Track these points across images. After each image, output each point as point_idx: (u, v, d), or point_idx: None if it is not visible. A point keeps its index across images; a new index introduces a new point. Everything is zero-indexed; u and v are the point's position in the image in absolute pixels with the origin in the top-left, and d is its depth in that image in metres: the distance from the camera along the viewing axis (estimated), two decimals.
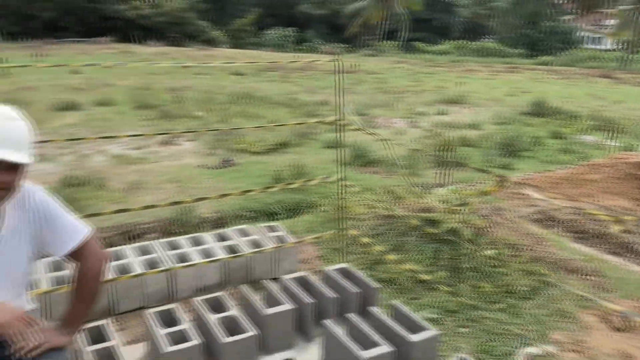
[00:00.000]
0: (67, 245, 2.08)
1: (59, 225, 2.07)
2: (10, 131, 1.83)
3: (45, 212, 2.05)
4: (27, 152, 1.88)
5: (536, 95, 15.97)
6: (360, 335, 2.56)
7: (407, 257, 3.78)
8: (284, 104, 13.49)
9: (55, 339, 2.07)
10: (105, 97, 12.59)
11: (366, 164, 7.41)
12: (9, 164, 1.81)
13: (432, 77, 24.79)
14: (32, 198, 2.04)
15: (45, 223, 2.05)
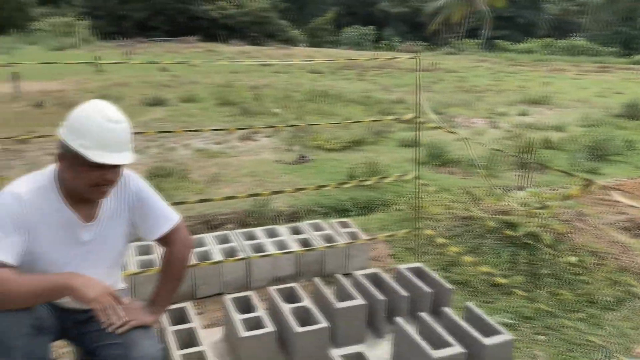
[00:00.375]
0: (159, 230, 2.23)
1: (152, 210, 2.22)
2: (121, 135, 1.99)
3: (141, 198, 2.21)
4: (131, 151, 2.04)
5: (630, 96, 14.93)
6: (432, 334, 2.54)
7: (483, 259, 3.69)
8: (359, 102, 13.52)
9: (142, 317, 2.22)
10: (190, 93, 13.19)
11: (443, 164, 7.28)
12: (116, 164, 1.97)
13: (514, 76, 23.84)
14: (129, 184, 2.20)
15: (139, 208, 2.20)
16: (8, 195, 1.92)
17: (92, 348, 2.26)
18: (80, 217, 2.06)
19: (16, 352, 1.91)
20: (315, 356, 2.58)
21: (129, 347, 2.18)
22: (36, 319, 1.96)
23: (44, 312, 2.02)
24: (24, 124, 9.31)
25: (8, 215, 1.88)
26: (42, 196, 1.98)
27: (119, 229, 2.19)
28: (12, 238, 1.88)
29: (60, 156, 1.97)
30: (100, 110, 1.96)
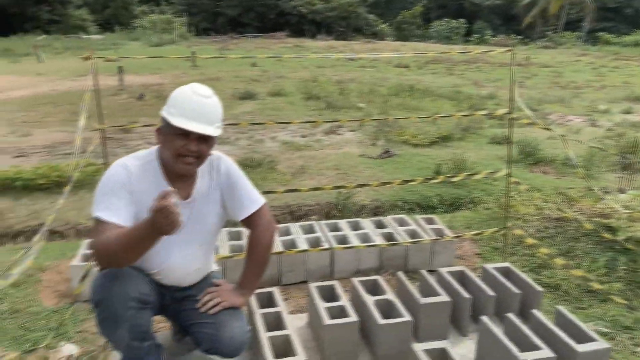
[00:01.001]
0: (244, 211, 2.32)
1: (239, 192, 2.32)
2: (206, 107, 2.10)
3: (230, 179, 2.32)
4: (218, 125, 2.15)
5: None
6: (519, 336, 2.46)
7: (577, 263, 3.51)
8: (447, 97, 13.20)
9: (232, 299, 2.34)
10: (278, 88, 13.53)
11: (535, 162, 6.96)
12: (203, 136, 2.09)
13: (618, 71, 22.16)
14: (220, 166, 2.32)
15: (229, 189, 2.31)
16: (118, 166, 2.12)
17: (187, 325, 2.42)
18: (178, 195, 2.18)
19: (124, 324, 2.09)
20: (396, 349, 2.59)
21: (219, 327, 2.31)
22: (141, 294, 2.12)
23: (148, 288, 2.18)
24: (127, 115, 10.02)
25: (119, 183, 2.07)
26: (146, 170, 2.15)
27: (212, 210, 2.30)
28: (125, 203, 2.06)
29: (157, 130, 2.15)
30: (192, 86, 2.12)
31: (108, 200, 2.05)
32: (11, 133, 8.87)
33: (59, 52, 26.66)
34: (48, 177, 5.60)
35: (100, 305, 2.07)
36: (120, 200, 2.06)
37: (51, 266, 3.62)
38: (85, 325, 2.97)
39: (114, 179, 2.09)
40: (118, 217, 2.03)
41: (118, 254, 1.98)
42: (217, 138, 2.18)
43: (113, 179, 2.09)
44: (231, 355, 2.38)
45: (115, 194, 2.06)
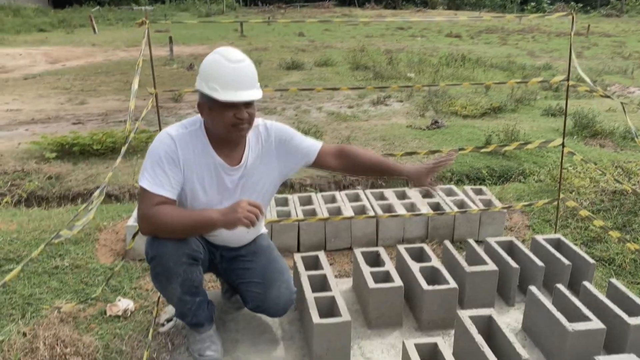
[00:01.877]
0: (313, 151, 2.36)
1: (298, 141, 2.35)
2: (244, 72, 2.09)
3: (284, 138, 2.34)
4: (258, 86, 2.15)
5: None
6: (568, 307, 2.42)
7: (634, 237, 3.38)
8: (500, 67, 12.78)
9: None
10: (325, 57, 13.43)
11: (592, 135, 6.68)
12: (250, 101, 2.10)
13: None
14: (270, 132, 2.34)
15: (286, 146, 2.33)
16: (164, 136, 2.15)
17: (236, 284, 2.50)
18: (226, 161, 2.23)
19: (177, 278, 2.18)
20: (441, 315, 2.59)
21: (266, 287, 2.38)
22: (193, 251, 2.20)
23: (199, 245, 2.26)
24: (177, 84, 10.23)
25: (166, 154, 2.10)
26: (192, 138, 2.18)
27: (264, 175, 2.33)
28: (169, 174, 2.10)
29: (199, 106, 2.15)
30: (223, 54, 2.09)
31: (155, 171, 2.09)
32: (68, 101, 9.23)
33: (112, 23, 27.31)
34: (103, 143, 5.82)
35: (155, 260, 2.16)
36: (167, 172, 2.10)
37: (108, 226, 3.80)
38: (140, 282, 3.11)
39: (161, 149, 2.11)
40: (164, 189, 2.09)
41: (175, 232, 2.10)
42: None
43: (160, 148, 2.11)
44: (277, 314, 2.46)
45: (162, 165, 2.09)
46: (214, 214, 2.08)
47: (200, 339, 2.43)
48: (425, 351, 2.14)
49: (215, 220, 2.06)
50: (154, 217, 2.06)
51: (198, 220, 2.10)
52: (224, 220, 2.05)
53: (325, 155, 2.39)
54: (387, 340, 2.53)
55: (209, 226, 2.11)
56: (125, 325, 2.70)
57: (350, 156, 2.42)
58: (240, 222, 2.02)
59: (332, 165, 2.42)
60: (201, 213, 2.12)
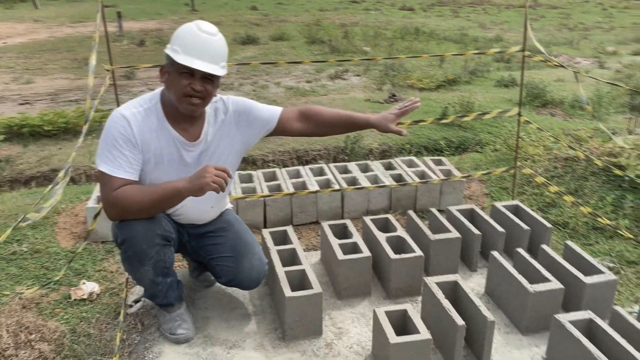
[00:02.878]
0: (274, 117, 2.33)
1: (257, 110, 2.32)
2: (211, 45, 2.05)
3: (242, 109, 2.31)
4: (224, 65, 2.11)
5: None
6: (529, 270, 2.53)
7: (585, 201, 3.55)
8: (453, 39, 12.94)
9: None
10: (280, 32, 13.25)
11: (543, 105, 6.90)
12: (208, 75, 2.05)
13: (628, 12, 21.60)
14: (228, 105, 2.30)
15: (246, 117, 2.30)
16: (117, 116, 2.07)
17: (206, 260, 2.49)
18: (184, 137, 2.18)
19: (149, 260, 2.15)
20: (408, 283, 2.67)
21: (238, 260, 2.38)
22: (165, 231, 2.17)
23: (170, 225, 2.23)
24: (128, 61, 9.88)
25: (120, 135, 2.03)
26: (148, 116, 2.12)
27: (225, 149, 2.30)
28: (127, 155, 2.04)
29: (161, 69, 2.11)
30: (198, 23, 2.06)
31: (112, 153, 2.03)
32: (13, 81, 8.79)
33: None
34: (54, 123, 5.59)
35: (125, 243, 2.12)
36: (124, 153, 2.03)
37: (66, 209, 3.68)
38: (104, 264, 3.05)
39: (116, 130, 2.04)
40: (125, 171, 2.03)
41: (142, 210, 2.06)
42: (221, 78, 2.15)
43: (115, 130, 2.04)
44: (250, 287, 2.47)
45: (119, 146, 2.03)
46: (179, 184, 2.03)
47: (170, 318, 2.41)
48: (395, 318, 2.21)
49: (181, 188, 2.01)
50: (118, 200, 2.01)
51: (164, 193, 2.04)
52: (190, 187, 2.00)
53: (287, 120, 2.36)
54: (357, 310, 2.59)
55: (176, 196, 2.05)
56: (91, 308, 2.65)
57: (315, 116, 2.40)
58: (209, 186, 1.98)
59: (296, 129, 2.39)
60: (165, 185, 2.06)
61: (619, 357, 1.98)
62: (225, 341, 2.39)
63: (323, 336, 2.41)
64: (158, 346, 2.37)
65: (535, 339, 2.38)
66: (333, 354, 2.31)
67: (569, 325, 2.11)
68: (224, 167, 2.05)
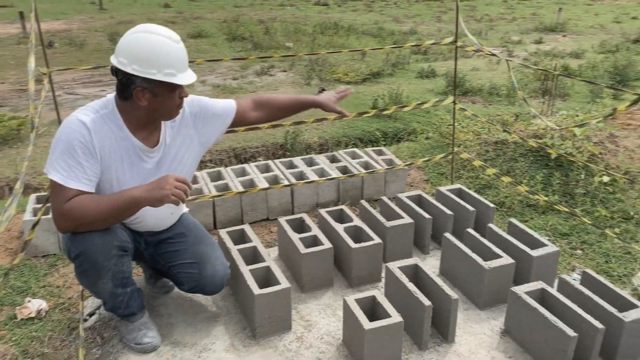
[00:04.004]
0: (230, 111, 2.34)
1: (211, 106, 2.31)
2: (184, 52, 2.02)
3: (197, 106, 2.28)
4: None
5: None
6: (480, 248, 2.68)
7: (518, 181, 3.80)
8: (371, 34, 13.28)
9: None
10: (197, 29, 12.97)
11: (463, 93, 7.26)
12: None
13: (526, 3, 23.15)
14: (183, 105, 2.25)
15: (202, 115, 2.28)
16: (74, 122, 1.94)
17: (166, 268, 2.42)
18: (145, 144, 2.12)
19: (107, 272, 2.06)
20: (368, 270, 2.74)
21: (201, 265, 2.33)
22: (122, 242, 2.08)
23: (126, 235, 2.14)
24: (39, 64, 9.25)
25: (78, 143, 1.92)
26: (107, 124, 2.01)
27: (185, 152, 2.25)
28: (84, 165, 1.93)
29: (137, 93, 1.95)
30: (163, 34, 1.95)
31: (67, 162, 1.90)
32: None
33: None
34: None
35: (81, 256, 2.01)
36: (82, 163, 1.92)
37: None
38: (48, 279, 2.87)
39: (74, 137, 1.91)
40: (80, 182, 1.92)
41: (97, 221, 1.96)
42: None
43: (72, 137, 1.91)
44: (214, 292, 2.43)
45: (75, 155, 1.91)
46: (136, 192, 1.95)
47: (133, 327, 2.33)
48: (365, 304, 2.27)
49: (139, 198, 1.93)
50: (71, 211, 1.89)
51: (120, 203, 1.94)
52: (148, 197, 1.93)
53: (243, 112, 2.39)
54: (322, 301, 2.63)
55: (133, 206, 1.96)
56: (41, 327, 2.50)
57: (269, 103, 2.46)
58: (169, 198, 1.92)
59: (253, 118, 2.44)
60: (122, 195, 1.96)
61: (570, 319, 2.16)
62: (194, 345, 2.34)
63: (293, 330, 2.42)
64: (123, 358, 2.28)
65: (493, 312, 2.54)
66: (305, 347, 2.33)
67: (525, 296, 2.27)
68: (183, 178, 1.99)
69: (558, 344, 2.09)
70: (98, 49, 10.50)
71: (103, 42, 11.31)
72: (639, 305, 2.22)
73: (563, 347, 2.06)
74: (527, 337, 2.26)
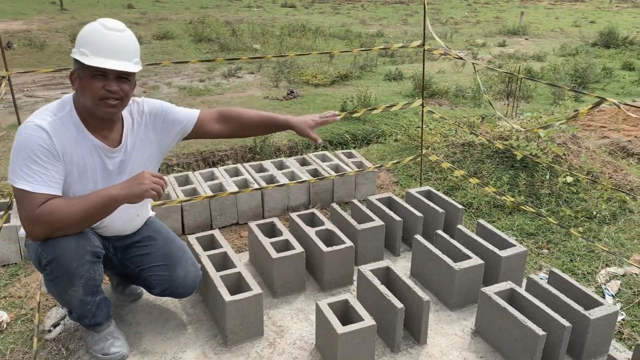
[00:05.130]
0: (191, 120, 2.27)
1: (174, 114, 2.25)
2: (121, 41, 1.94)
3: (157, 108, 2.24)
4: (137, 60, 2.01)
5: (604, 25, 15.07)
6: (450, 249, 2.71)
7: (485, 182, 3.86)
8: (338, 36, 13.33)
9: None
10: (162, 30, 12.77)
11: (430, 95, 7.36)
12: (123, 74, 1.94)
13: (489, 7, 23.65)
14: (143, 107, 2.21)
15: (163, 119, 2.23)
16: (31, 128, 1.89)
17: (136, 272, 2.36)
18: (105, 144, 2.06)
19: (79, 279, 1.99)
20: (340, 274, 2.73)
21: (172, 267, 2.29)
22: (94, 247, 2.02)
23: (98, 240, 2.08)
24: None
25: (39, 147, 1.87)
26: (65, 126, 1.97)
27: (145, 153, 2.20)
28: (49, 169, 1.88)
29: (71, 75, 1.97)
30: (102, 22, 1.94)
31: (31, 168, 1.85)
32: None
33: None
34: None
35: (53, 263, 1.94)
36: (46, 167, 1.88)
37: None
38: (9, 289, 2.77)
39: (34, 142, 1.86)
40: (48, 186, 1.88)
41: (73, 224, 1.92)
42: (136, 75, 2.05)
43: (32, 143, 1.86)
44: (185, 294, 2.38)
45: (39, 160, 1.86)
46: (112, 191, 1.93)
47: (100, 337, 2.26)
48: (337, 308, 2.26)
49: (116, 196, 1.92)
50: (44, 216, 1.84)
51: (97, 202, 1.91)
52: (126, 194, 1.92)
53: (205, 123, 2.31)
54: (294, 306, 2.61)
55: (111, 204, 1.94)
56: (2, 339, 2.41)
57: (235, 118, 2.36)
58: (148, 193, 1.92)
59: (215, 131, 2.35)
60: (98, 194, 1.94)
61: (539, 318, 2.20)
62: (164, 354, 2.29)
63: (265, 336, 2.39)
64: None
65: (463, 312, 2.57)
66: (278, 352, 2.30)
67: (495, 296, 2.30)
68: (159, 174, 1.99)
69: (527, 342, 2.12)
70: (59, 50, 10.22)
71: (64, 43, 11.01)
72: (603, 303, 2.28)
73: (532, 345, 2.10)
74: (498, 337, 2.29)
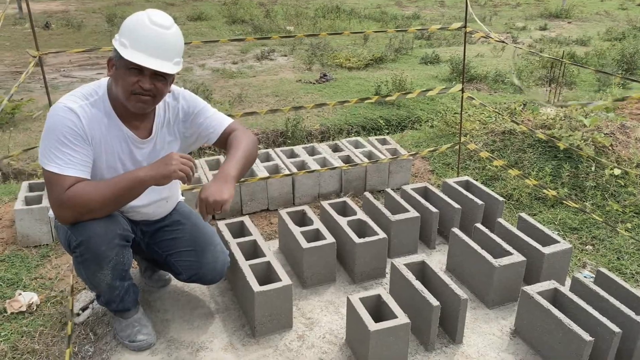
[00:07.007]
0: (218, 130, 2.16)
1: (205, 118, 2.16)
2: (163, 40, 1.86)
3: (194, 107, 2.15)
4: (178, 60, 1.92)
5: None
6: (489, 244, 2.57)
7: (526, 173, 3.68)
8: (373, 18, 13.05)
9: (219, 193, 1.93)
10: (197, 11, 12.73)
11: (468, 80, 7.11)
12: (159, 73, 1.87)
13: None
14: (179, 99, 2.13)
15: (193, 118, 2.15)
16: (63, 110, 1.86)
17: (163, 257, 2.31)
18: (136, 134, 2.03)
19: (108, 262, 1.96)
20: (372, 266, 2.64)
21: (200, 253, 2.24)
22: (124, 230, 2.00)
23: (127, 223, 2.05)
24: (34, 46, 9.08)
25: (69, 130, 1.84)
26: (97, 111, 1.93)
27: (174, 145, 2.16)
28: (78, 152, 1.86)
29: (109, 61, 1.92)
30: (149, 14, 1.87)
31: (62, 151, 1.83)
32: None
33: None
34: None
35: (82, 246, 1.91)
36: (76, 150, 1.85)
37: None
38: (40, 271, 2.77)
39: (65, 125, 1.84)
40: (77, 169, 1.85)
41: (102, 207, 1.89)
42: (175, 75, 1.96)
43: (63, 125, 1.84)
44: (214, 280, 2.33)
45: (67, 143, 1.84)
46: (140, 172, 1.90)
47: (127, 324, 2.24)
48: (370, 303, 2.16)
49: (144, 177, 1.89)
50: (73, 199, 1.82)
51: (125, 185, 1.89)
52: (154, 175, 1.88)
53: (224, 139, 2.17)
54: (324, 298, 2.53)
55: (138, 186, 1.90)
56: (32, 321, 2.40)
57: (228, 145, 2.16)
58: (176, 174, 1.88)
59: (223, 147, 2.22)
60: (124, 176, 1.92)
61: (585, 322, 2.06)
62: (191, 343, 2.24)
63: (294, 328, 2.33)
64: (116, 356, 2.19)
65: (502, 311, 2.44)
66: (307, 346, 2.23)
67: (537, 296, 2.17)
68: (188, 156, 1.94)
69: (572, 347, 1.99)
70: (95, 31, 10.30)
71: (101, 23, 11.10)
72: None
73: (578, 351, 1.97)
74: (539, 339, 2.17)
